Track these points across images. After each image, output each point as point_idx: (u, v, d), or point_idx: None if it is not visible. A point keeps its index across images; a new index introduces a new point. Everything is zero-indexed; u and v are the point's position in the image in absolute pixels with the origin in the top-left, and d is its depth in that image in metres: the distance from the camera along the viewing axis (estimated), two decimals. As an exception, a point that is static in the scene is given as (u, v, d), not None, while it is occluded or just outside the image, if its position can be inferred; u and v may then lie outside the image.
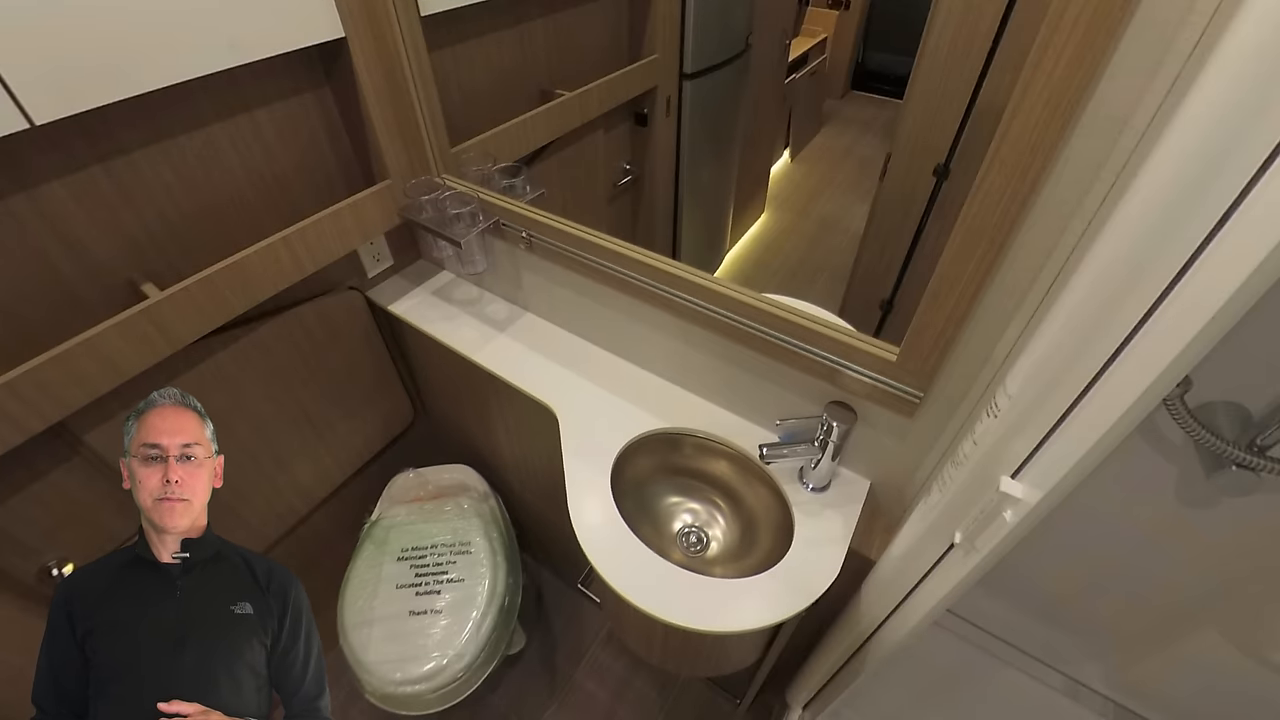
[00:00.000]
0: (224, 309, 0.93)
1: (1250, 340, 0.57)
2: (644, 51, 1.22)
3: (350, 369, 1.30)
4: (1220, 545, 0.73)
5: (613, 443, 1.01)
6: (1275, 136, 0.31)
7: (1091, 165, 0.52)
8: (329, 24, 0.91)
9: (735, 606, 0.83)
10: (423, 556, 1.30)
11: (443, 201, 1.09)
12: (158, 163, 0.87)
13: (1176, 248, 0.38)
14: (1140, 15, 0.44)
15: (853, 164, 1.41)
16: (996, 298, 0.64)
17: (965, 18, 0.74)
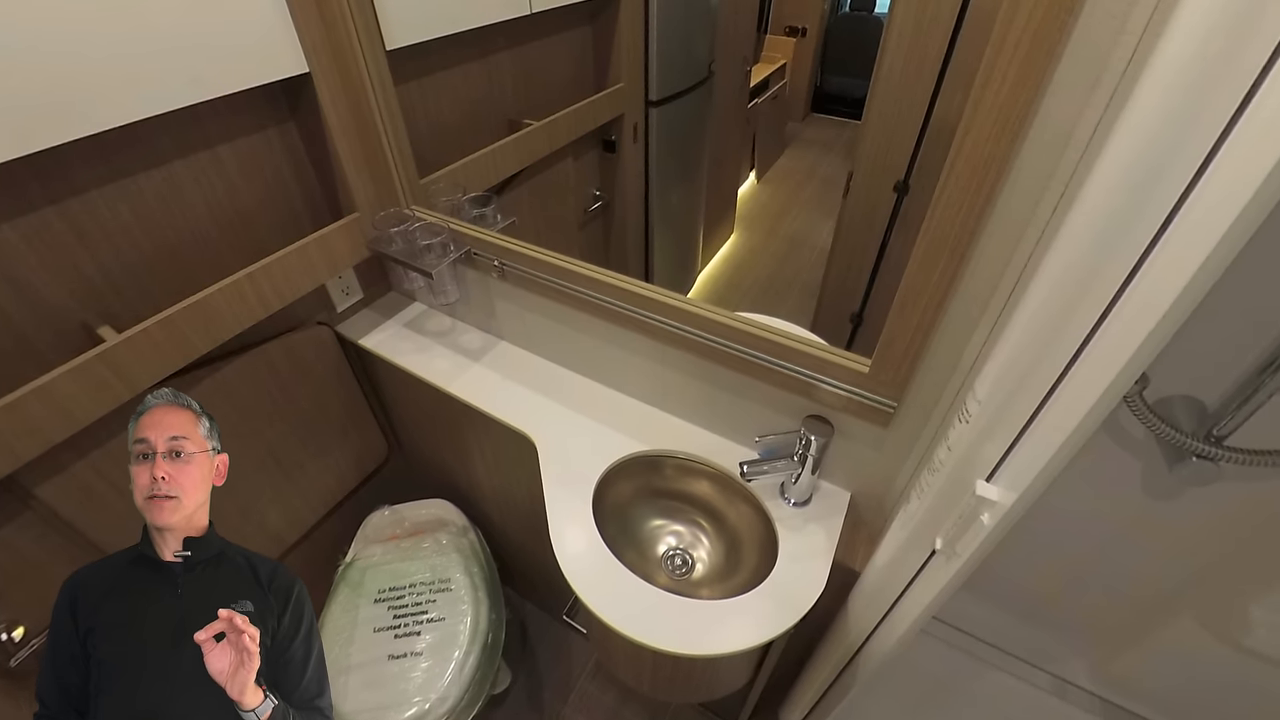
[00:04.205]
0: (185, 350, 0.90)
1: (1200, 337, 0.60)
2: (610, 80, 1.25)
3: (320, 406, 1.26)
4: (1188, 535, 0.76)
5: (593, 468, 1.00)
6: (1207, 144, 0.33)
7: (1041, 177, 0.54)
8: (293, 59, 0.91)
9: (724, 628, 0.82)
10: (401, 597, 1.26)
11: (412, 233, 1.09)
12: (115, 202, 0.85)
13: (1125, 252, 0.40)
14: (1077, 35, 0.47)
15: (817, 183, 1.45)
16: (961, 307, 0.66)
17: (916, 41, 0.78)
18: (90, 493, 0.91)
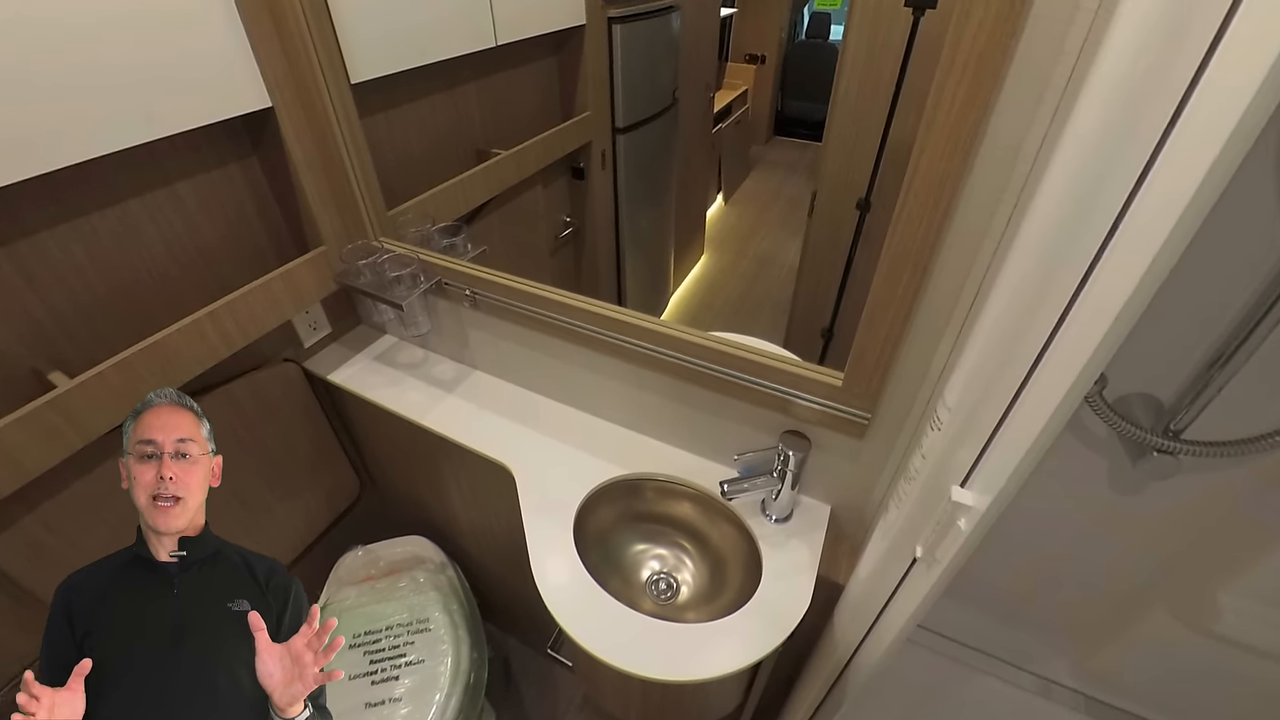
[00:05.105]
0: (142, 394, 0.86)
1: (1151, 337, 0.63)
2: (577, 109, 1.27)
3: (288, 446, 1.22)
4: (1154, 528, 0.78)
5: (573, 495, 0.99)
6: (1145, 154, 0.35)
7: (994, 190, 0.57)
8: (254, 94, 0.90)
9: (712, 651, 0.81)
10: (377, 640, 1.21)
11: (381, 265, 1.08)
12: (68, 243, 0.82)
13: (1076, 259, 0.42)
14: (1019, 56, 0.50)
15: (783, 203, 1.49)
16: (927, 317, 0.68)
17: (869, 66, 0.82)
18: (40, 549, 0.86)
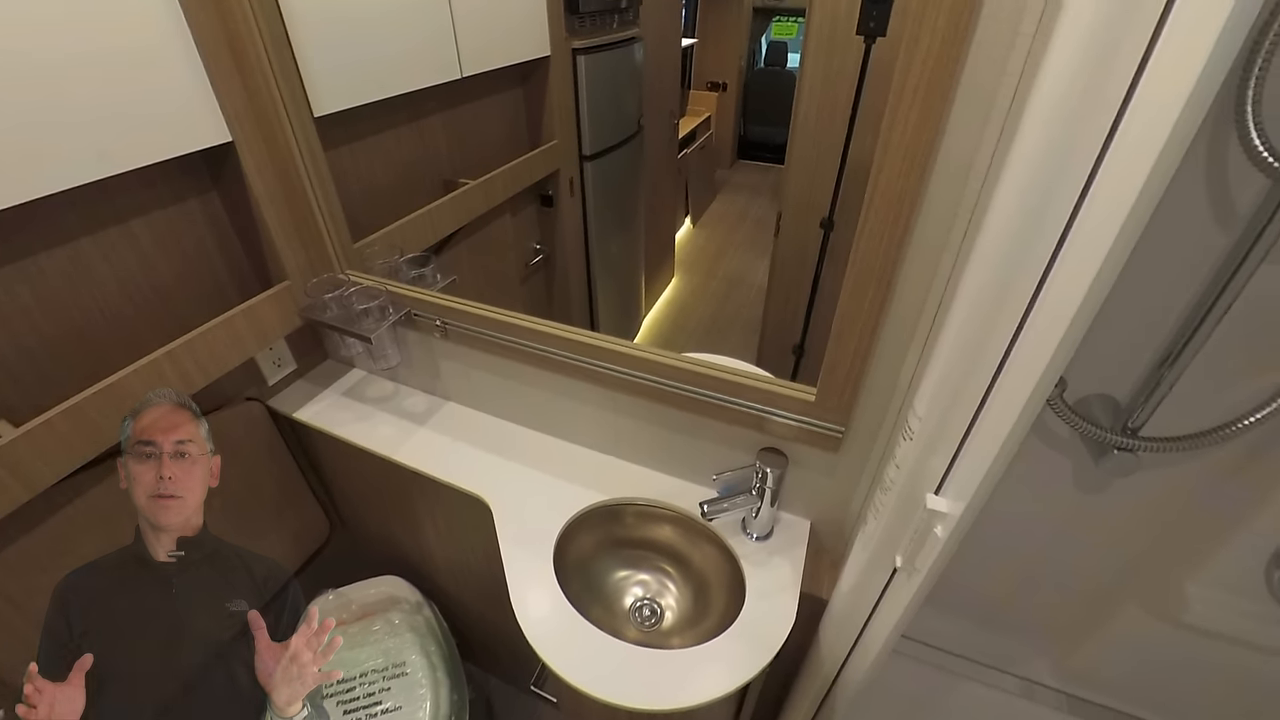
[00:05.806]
0: (95, 440, 0.83)
1: (1103, 341, 0.66)
2: (544, 138, 1.28)
3: (251, 488, 1.18)
4: (1120, 525, 0.81)
5: (552, 524, 0.97)
6: (1087, 167, 0.38)
7: (950, 206, 0.59)
8: (213, 129, 0.88)
9: (699, 676, 0.80)
10: (351, 689, 1.16)
11: (348, 298, 1.06)
12: (12, 285, 0.79)
13: (1030, 269, 0.44)
14: (965, 79, 0.53)
15: (749, 224, 1.53)
16: (893, 330, 0.70)
17: (826, 92, 0.85)
18: (-21, 612, 0.81)
